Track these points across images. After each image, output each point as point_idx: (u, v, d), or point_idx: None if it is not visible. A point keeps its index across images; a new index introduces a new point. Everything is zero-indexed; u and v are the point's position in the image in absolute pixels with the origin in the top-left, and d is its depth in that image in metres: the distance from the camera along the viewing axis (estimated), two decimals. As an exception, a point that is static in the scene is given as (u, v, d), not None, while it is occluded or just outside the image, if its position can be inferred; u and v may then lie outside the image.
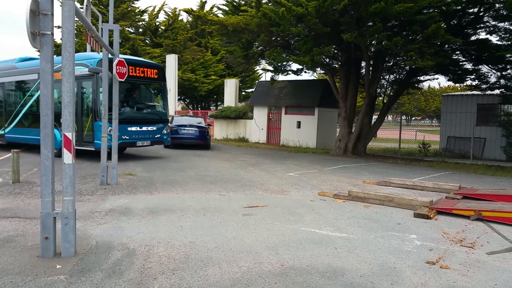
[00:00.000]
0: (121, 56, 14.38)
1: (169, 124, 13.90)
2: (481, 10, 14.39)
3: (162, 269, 4.09)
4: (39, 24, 4.14)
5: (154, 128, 12.99)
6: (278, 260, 4.40)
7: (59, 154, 12.13)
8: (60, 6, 4.36)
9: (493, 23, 14.94)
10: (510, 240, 5.39)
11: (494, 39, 38.57)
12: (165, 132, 13.39)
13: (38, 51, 4.30)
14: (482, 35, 15.94)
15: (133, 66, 12.38)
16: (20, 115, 14.34)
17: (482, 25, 15.23)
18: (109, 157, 8.90)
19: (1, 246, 4.65)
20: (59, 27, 21.33)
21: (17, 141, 14.47)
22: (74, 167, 4.40)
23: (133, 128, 12.28)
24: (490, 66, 15.91)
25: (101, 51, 8.62)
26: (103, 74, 8.88)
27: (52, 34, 4.22)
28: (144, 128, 12.62)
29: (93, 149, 11.75)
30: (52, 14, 4.21)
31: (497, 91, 16.83)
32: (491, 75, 16.45)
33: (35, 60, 15.19)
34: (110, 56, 11.48)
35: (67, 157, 4.34)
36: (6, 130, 14.98)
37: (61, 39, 4.37)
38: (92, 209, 6.53)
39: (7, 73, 14.86)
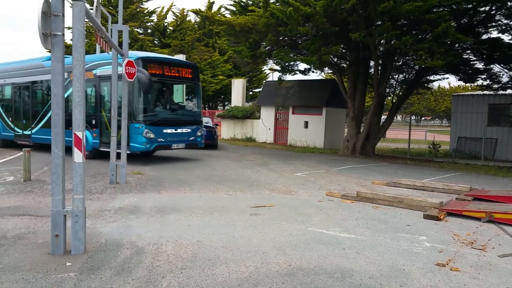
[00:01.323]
0: (156, 54, 14.09)
1: (202, 125, 13.43)
2: (493, 8, 14.21)
3: (170, 267, 4.10)
4: (51, 25, 4.19)
5: (189, 130, 12.52)
6: (285, 260, 4.39)
7: (91, 157, 12.14)
8: (71, 7, 4.40)
9: (505, 21, 14.75)
10: (522, 242, 5.32)
11: (506, 38, 38.09)
12: (199, 134, 12.91)
13: (49, 51, 4.34)
14: (494, 34, 15.71)
15: (167, 66, 12.07)
16: (48, 115, 13.82)
17: (493, 24, 15.03)
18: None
19: (13, 243, 4.71)
20: (69, 28, 21.49)
21: (44, 142, 13.96)
22: (85, 165, 4.44)
23: (168, 130, 11.79)
24: (502, 65, 15.71)
25: (111, 51, 8.68)
26: (112, 74, 8.91)
27: (63, 34, 4.27)
28: (179, 130, 12.15)
29: (128, 152, 11.10)
30: (63, 15, 4.26)
31: (509, 91, 16.62)
32: (503, 74, 16.25)
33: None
34: (140, 55, 11.38)
35: (78, 156, 4.38)
36: (33, 131, 14.58)
37: (71, 39, 4.41)
38: (102, 207, 6.59)
39: (33, 72, 14.40)
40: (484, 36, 15.42)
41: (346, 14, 13.39)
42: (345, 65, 18.38)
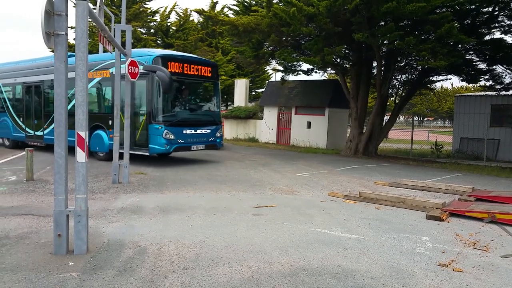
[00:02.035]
0: (175, 52, 13.73)
1: (223, 125, 13.13)
2: (496, 9, 14.16)
3: (173, 267, 4.11)
4: (54, 25, 4.21)
5: (208, 131, 12.12)
6: (288, 261, 4.39)
7: (107, 158, 11.85)
8: (74, 7, 4.42)
9: (508, 22, 14.69)
10: (525, 243, 5.30)
11: (509, 38, 37.98)
12: (219, 134, 12.54)
13: (52, 51, 4.36)
14: (497, 35, 15.72)
15: (187, 64, 11.66)
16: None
17: (496, 25, 14.98)
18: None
19: (15, 243, 4.73)
20: (72, 27, 21.53)
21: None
22: (87, 165, 4.46)
23: (188, 131, 11.40)
24: (504, 66, 15.65)
25: (114, 51, 8.70)
26: (115, 73, 8.93)
27: (66, 34, 4.28)
28: (198, 131, 11.75)
29: (148, 153, 11.10)
30: (66, 15, 4.27)
31: (512, 92, 16.57)
32: (505, 75, 16.18)
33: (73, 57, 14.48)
34: (160, 53, 11.17)
35: (80, 155, 4.39)
36: (45, 132, 14.09)
37: (74, 39, 4.42)
38: (104, 207, 6.60)
39: (45, 70, 13.90)
40: (487, 37, 15.36)
41: (349, 14, 13.37)
42: (348, 66, 18.35)
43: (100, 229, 5.34)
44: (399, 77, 18.66)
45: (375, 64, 17.01)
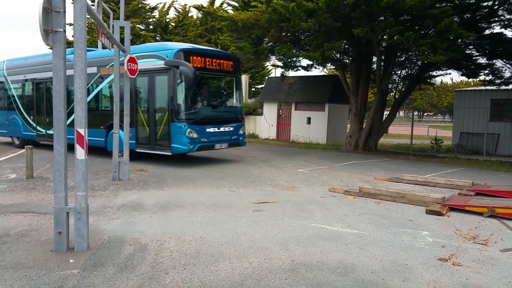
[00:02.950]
0: (197, 46, 13.09)
1: (244, 123, 12.41)
2: (496, 3, 14.11)
3: (173, 264, 4.12)
4: (52, 22, 4.19)
5: (231, 129, 11.59)
6: (288, 256, 4.40)
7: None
8: (72, 3, 4.40)
9: (508, 16, 14.63)
10: (525, 237, 5.31)
11: (509, 33, 37.79)
12: (241, 132, 11.98)
13: (51, 48, 4.35)
14: (497, 29, 15.65)
15: (209, 58, 11.08)
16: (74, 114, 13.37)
17: (496, 19, 14.92)
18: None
19: (16, 241, 4.74)
20: (71, 24, 21.42)
21: (72, 143, 13.49)
22: (87, 162, 4.45)
23: (211, 129, 10.89)
24: (504, 60, 15.61)
25: (113, 48, 8.67)
26: (114, 69, 8.88)
27: (65, 31, 4.27)
28: (221, 129, 11.22)
29: (169, 153, 10.55)
30: (64, 12, 4.26)
31: (511, 86, 16.53)
32: (505, 69, 16.15)
33: (90, 51, 13.16)
34: (182, 47, 10.72)
35: (80, 153, 4.39)
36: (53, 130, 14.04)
37: (72, 36, 4.41)
38: (105, 204, 6.61)
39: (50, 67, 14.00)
40: (487, 31, 15.31)
41: (348, 9, 13.31)
42: (347, 61, 18.30)
43: (101, 226, 5.35)
44: (399, 72, 18.62)
45: (374, 59, 16.97)
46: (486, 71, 16.67)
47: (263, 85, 30.50)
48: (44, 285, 3.57)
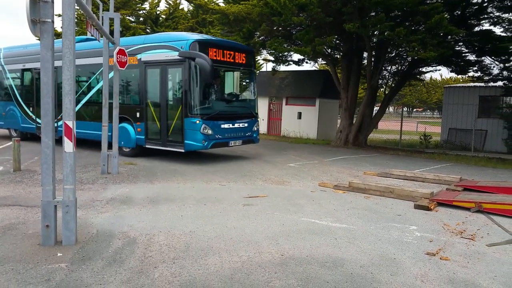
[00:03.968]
0: (211, 37, 12.61)
1: (259, 119, 11.74)
2: (485, 0, 14.24)
3: (162, 257, 4.10)
4: (40, 12, 4.11)
5: (246, 125, 11.07)
6: (278, 250, 4.41)
7: (134, 154, 11.08)
8: (60, -7, 4.31)
9: (497, 14, 14.78)
10: (511, 232, 5.40)
11: (497, 30, 38.23)
12: (255, 129, 11.45)
13: (38, 39, 4.27)
14: (486, 26, 15.74)
15: (225, 50, 10.57)
16: (80, 105, 12.29)
17: (486, 16, 15.07)
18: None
19: (2, 234, 4.67)
20: (59, 15, 20.99)
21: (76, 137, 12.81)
22: (75, 155, 4.40)
23: (226, 125, 10.38)
24: (493, 57, 15.77)
25: (102, 39, 8.56)
26: (103, 63, 8.76)
27: (53, 21, 4.19)
28: (236, 125, 10.71)
29: (182, 150, 10.03)
30: (53, 2, 4.18)
31: (499, 83, 16.72)
32: (494, 66, 16.32)
33: (95, 41, 13.50)
34: (197, 38, 10.18)
35: (68, 145, 4.33)
36: (60, 123, 12.46)
37: (61, 27, 4.33)
38: (93, 197, 6.55)
39: (60, 55, 13.21)
40: (476, 28, 15.46)
41: (340, 4, 13.31)
42: (338, 56, 18.34)
43: (89, 220, 5.30)
44: (389, 68, 18.73)
45: (365, 55, 17.03)
46: (475, 68, 16.85)
47: (254, 79, 30.32)
48: (31, 279, 3.53)
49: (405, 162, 12.23)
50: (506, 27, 14.99)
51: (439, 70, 38.92)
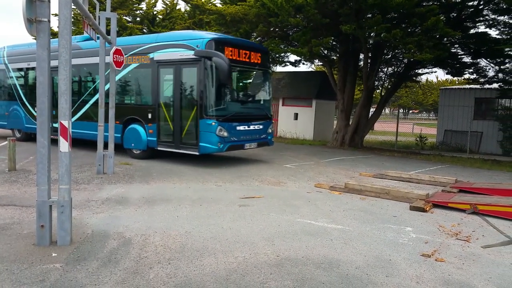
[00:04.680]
0: (227, 36, 12.01)
1: (273, 121, 11.38)
2: (481, 3, 14.31)
3: (158, 258, 4.09)
4: (36, 11, 4.09)
5: (261, 127, 10.73)
6: (273, 251, 4.41)
7: (144, 156, 10.82)
8: (57, -8, 4.29)
9: (493, 16, 14.88)
10: (506, 234, 5.43)
11: (493, 32, 38.55)
12: (270, 131, 11.14)
13: (35, 38, 4.25)
14: (482, 29, 15.89)
15: (241, 49, 10.24)
16: (87, 106, 11.98)
17: (481, 19, 15.15)
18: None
19: (-4, 234, 4.64)
20: (56, 14, 20.92)
21: (80, 137, 11.98)
22: (70, 155, 4.38)
23: (241, 127, 10.08)
24: (488, 60, 15.88)
25: (98, 39, 8.53)
26: (100, 63, 8.72)
27: (49, 21, 4.18)
28: (251, 127, 10.40)
29: (197, 153, 9.71)
30: (49, 1, 4.17)
31: (495, 85, 16.84)
32: (489, 69, 16.43)
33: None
34: (214, 36, 9.88)
35: (63, 145, 4.31)
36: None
37: (58, 27, 4.32)
38: (88, 198, 6.52)
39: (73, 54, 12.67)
40: (472, 31, 15.55)
41: (337, 6, 13.35)
42: (335, 58, 18.38)
43: (84, 220, 5.28)
44: (385, 69, 18.80)
45: (362, 56, 17.08)
46: (471, 70, 16.96)
47: (250, 80, 30.31)
48: (26, 279, 3.51)
49: (401, 164, 12.27)
50: (502, 29, 15.09)
51: (435, 72, 39.18)
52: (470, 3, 14.39)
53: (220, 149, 9.61)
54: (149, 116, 10.49)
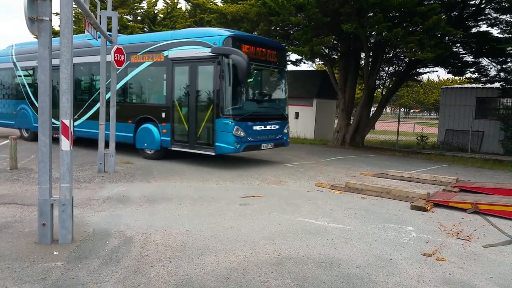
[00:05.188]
0: (243, 32, 11.99)
1: (288, 121, 11.18)
2: (483, 2, 14.29)
3: (159, 256, 4.10)
4: (37, 10, 4.10)
5: (277, 127, 10.47)
6: (274, 250, 4.41)
7: (157, 157, 10.62)
8: (58, -9, 4.30)
9: (495, 15, 14.86)
10: (507, 233, 5.42)
11: (495, 31, 38.49)
12: (286, 131, 10.89)
13: (36, 37, 4.26)
14: (483, 28, 15.91)
15: (258, 47, 9.94)
16: (98, 105, 11.34)
17: (483, 18, 15.13)
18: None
19: (-2, 233, 4.65)
20: (57, 13, 20.89)
21: (91, 137, 11.69)
22: (72, 154, 4.39)
23: (258, 127, 9.80)
24: (490, 59, 15.86)
25: (99, 38, 8.53)
26: (101, 61, 8.72)
27: (51, 20, 4.18)
28: (268, 127, 10.14)
29: (213, 153, 9.46)
30: (50, 0, 4.16)
31: (496, 84, 16.80)
32: (491, 68, 16.41)
33: (119, 36, 12.43)
34: (231, 33, 9.56)
35: (65, 144, 4.32)
36: (76, 124, 12.18)
37: (59, 26, 4.32)
38: (90, 196, 6.53)
39: (78, 52, 11.48)
40: (474, 30, 15.53)
41: (338, 4, 13.34)
42: (336, 57, 18.38)
43: (85, 219, 5.29)
44: (387, 68, 18.78)
45: (363, 55, 17.07)
46: (472, 69, 16.93)
47: (252, 79, 30.29)
48: (28, 277, 3.52)
49: (402, 163, 12.26)
50: (503, 28, 15.06)
51: (436, 71, 39.15)
52: (472, 2, 14.37)
53: (236, 150, 9.37)
54: (163, 115, 10.28)
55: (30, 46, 14.15)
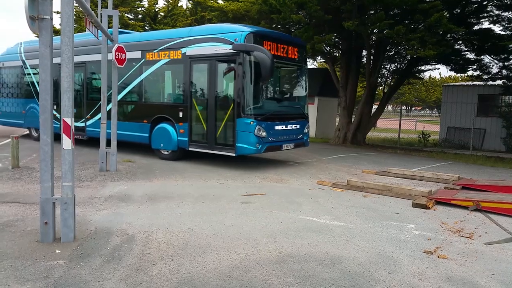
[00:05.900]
0: (265, 29, 11.19)
1: (308, 121, 10.79)
2: (485, -1, 14.26)
3: (161, 255, 4.11)
4: (38, 9, 4.10)
5: (298, 126, 10.09)
6: (276, 248, 4.42)
7: (174, 157, 10.38)
8: (59, -10, 4.29)
9: (497, 12, 14.80)
10: (508, 230, 5.42)
11: (497, 29, 38.30)
12: (306, 131, 10.49)
13: (37, 36, 4.26)
14: (485, 25, 15.82)
15: (279, 43, 9.56)
16: (110, 106, 11.38)
17: (485, 15, 15.09)
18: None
19: (1, 231, 4.67)
20: (58, 12, 20.90)
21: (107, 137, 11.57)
22: (73, 153, 4.40)
23: (279, 127, 9.48)
24: (492, 56, 15.80)
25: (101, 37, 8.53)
26: (102, 60, 8.72)
27: (51, 19, 4.18)
28: (289, 127, 9.80)
29: (233, 154, 9.08)
30: (51, -1, 4.16)
31: (498, 82, 16.76)
32: (493, 65, 16.36)
33: (130, 34, 11.78)
34: (252, 29, 9.22)
35: (66, 143, 4.32)
36: (88, 123, 11.92)
37: (60, 24, 4.32)
38: (91, 195, 6.54)
39: (91, 49, 11.39)
40: (476, 27, 15.48)
41: (339, 2, 13.32)
42: (337, 54, 18.35)
43: (87, 217, 5.30)
44: (388, 66, 18.74)
45: (364, 53, 17.05)
46: (474, 67, 16.87)
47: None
48: (30, 276, 3.53)
49: (404, 161, 12.25)
50: (506, 25, 15.00)
51: (438, 68, 39.05)
52: (474, -1, 14.33)
53: (258, 151, 9.02)
54: (180, 114, 9.93)
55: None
